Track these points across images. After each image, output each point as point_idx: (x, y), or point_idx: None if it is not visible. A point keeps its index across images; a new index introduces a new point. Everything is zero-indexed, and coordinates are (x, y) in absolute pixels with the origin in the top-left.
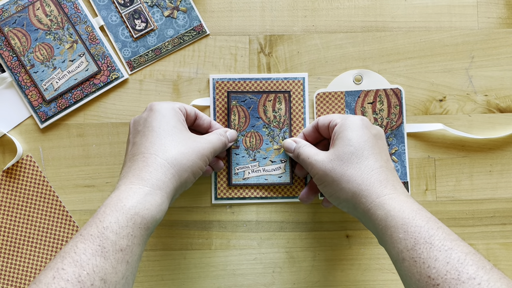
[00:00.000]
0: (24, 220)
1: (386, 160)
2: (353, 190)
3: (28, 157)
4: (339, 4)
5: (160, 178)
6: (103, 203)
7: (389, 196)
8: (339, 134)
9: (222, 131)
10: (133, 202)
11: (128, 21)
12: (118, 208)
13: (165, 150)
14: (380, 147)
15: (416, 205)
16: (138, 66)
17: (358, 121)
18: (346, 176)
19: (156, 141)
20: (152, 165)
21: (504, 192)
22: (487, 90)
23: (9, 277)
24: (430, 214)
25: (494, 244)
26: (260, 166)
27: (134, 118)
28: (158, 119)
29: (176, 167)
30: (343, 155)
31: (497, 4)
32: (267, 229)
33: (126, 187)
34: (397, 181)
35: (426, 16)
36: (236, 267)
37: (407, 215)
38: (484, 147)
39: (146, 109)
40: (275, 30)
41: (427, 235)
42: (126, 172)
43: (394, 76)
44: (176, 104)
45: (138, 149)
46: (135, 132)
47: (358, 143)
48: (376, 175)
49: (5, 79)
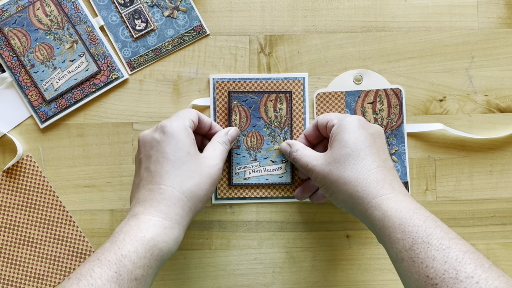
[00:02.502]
0: (24, 220)
1: (384, 159)
2: (350, 192)
3: (28, 157)
4: (339, 4)
5: (179, 213)
6: (121, 229)
7: (386, 196)
8: (336, 136)
9: (225, 138)
10: (152, 234)
11: (128, 21)
12: (138, 238)
13: (181, 182)
14: (378, 146)
15: (414, 204)
16: (138, 66)
17: (355, 122)
18: (343, 178)
19: (172, 172)
20: (170, 199)
21: (504, 192)
22: (487, 90)
23: (9, 277)
24: (429, 213)
25: (494, 244)
26: (261, 166)
27: (143, 136)
28: (172, 145)
29: (192, 200)
30: (340, 157)
31: (497, 4)
32: (267, 229)
33: (146, 218)
34: (396, 180)
35: (426, 16)
36: (236, 267)
37: (404, 215)
38: (484, 147)
39: (157, 129)
40: (275, 30)
41: (425, 234)
42: (143, 200)
43: (394, 76)
44: (186, 120)
45: (154, 179)
46: (147, 156)
47: (355, 144)
48: (373, 175)
49: (5, 79)
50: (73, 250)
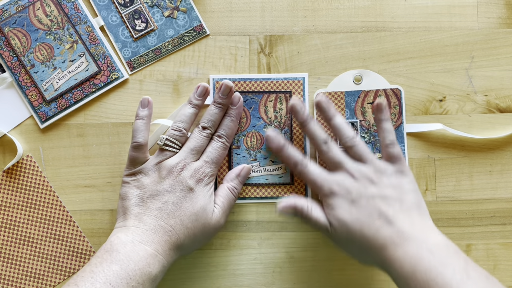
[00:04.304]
0: (24, 220)
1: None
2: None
3: (28, 157)
4: (339, 4)
5: (177, 257)
6: (130, 257)
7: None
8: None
9: (236, 183)
10: (156, 271)
11: (128, 21)
12: (146, 272)
13: (189, 235)
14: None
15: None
16: (138, 66)
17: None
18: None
19: (183, 223)
20: (175, 244)
21: (504, 192)
22: (487, 90)
23: (9, 277)
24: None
25: (494, 244)
26: (261, 166)
27: (188, 170)
28: (197, 206)
29: (183, 249)
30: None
31: (497, 4)
32: (267, 229)
33: (153, 253)
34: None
35: (426, 16)
36: (236, 267)
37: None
38: (484, 147)
39: (197, 179)
40: (275, 30)
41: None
42: (152, 230)
43: (394, 76)
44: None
45: (164, 219)
46: (174, 191)
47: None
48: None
49: (5, 79)
50: (73, 250)
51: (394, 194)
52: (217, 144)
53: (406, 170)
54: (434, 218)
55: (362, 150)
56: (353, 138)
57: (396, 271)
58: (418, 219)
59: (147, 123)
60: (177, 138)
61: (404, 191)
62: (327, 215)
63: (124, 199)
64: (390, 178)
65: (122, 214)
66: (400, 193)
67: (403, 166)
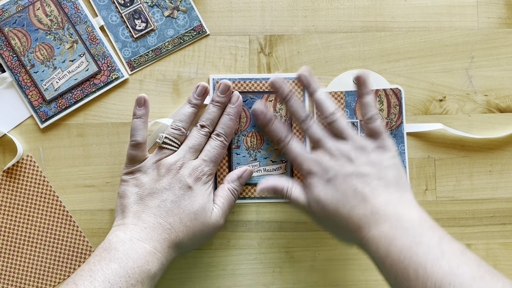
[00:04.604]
0: (24, 220)
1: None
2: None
3: (28, 157)
4: (339, 4)
5: (176, 255)
6: (128, 255)
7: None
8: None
9: (237, 184)
10: (155, 269)
11: (128, 21)
12: (145, 270)
13: (188, 233)
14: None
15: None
16: (138, 66)
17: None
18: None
19: (182, 221)
20: (174, 242)
21: (504, 192)
22: (487, 90)
23: (9, 277)
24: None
25: (494, 244)
26: (261, 166)
27: (185, 167)
28: (196, 203)
29: (180, 248)
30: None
31: (497, 4)
32: (267, 229)
33: (152, 251)
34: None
35: (426, 16)
36: (236, 267)
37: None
38: (484, 147)
39: (195, 177)
40: (275, 30)
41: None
42: (150, 228)
43: (394, 76)
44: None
45: (163, 217)
46: (173, 189)
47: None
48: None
49: (5, 79)
50: (73, 250)
51: (371, 172)
52: (215, 143)
53: (387, 145)
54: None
55: (342, 126)
56: (333, 113)
57: (372, 252)
58: (396, 196)
59: (144, 121)
60: (176, 136)
61: (383, 167)
62: (305, 194)
63: (123, 197)
64: (369, 155)
65: (121, 212)
66: (378, 170)
67: (384, 141)
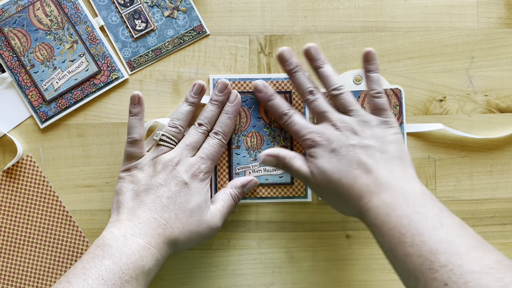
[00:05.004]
0: (24, 220)
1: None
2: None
3: (28, 157)
4: (339, 4)
5: (171, 252)
6: (122, 251)
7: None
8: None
9: (239, 192)
10: (150, 265)
11: (128, 21)
12: (139, 266)
13: (183, 230)
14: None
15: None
16: (138, 66)
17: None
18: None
19: (178, 218)
20: (169, 238)
21: (504, 192)
22: (487, 90)
23: (9, 277)
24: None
25: (494, 244)
26: (261, 166)
27: (182, 165)
28: (193, 199)
29: (189, 247)
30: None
31: (497, 4)
32: (267, 229)
33: (146, 246)
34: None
35: (426, 16)
36: (236, 267)
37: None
38: (484, 147)
39: (193, 174)
40: (275, 30)
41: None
42: (145, 223)
43: (394, 76)
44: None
45: (158, 212)
46: (168, 185)
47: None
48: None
49: (5, 79)
50: (73, 250)
51: (376, 144)
52: (213, 141)
53: (391, 121)
54: None
55: (348, 99)
56: (339, 87)
57: (371, 219)
58: (399, 169)
59: (140, 118)
60: (173, 134)
61: (387, 142)
62: (308, 164)
63: (119, 194)
64: (373, 129)
65: (116, 209)
66: (382, 143)
67: (388, 117)
